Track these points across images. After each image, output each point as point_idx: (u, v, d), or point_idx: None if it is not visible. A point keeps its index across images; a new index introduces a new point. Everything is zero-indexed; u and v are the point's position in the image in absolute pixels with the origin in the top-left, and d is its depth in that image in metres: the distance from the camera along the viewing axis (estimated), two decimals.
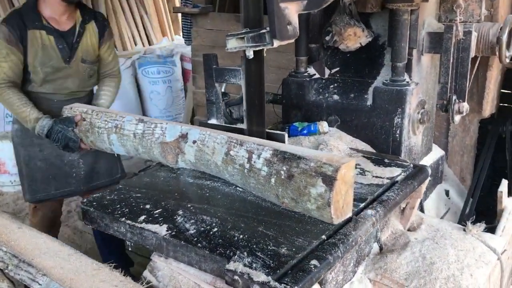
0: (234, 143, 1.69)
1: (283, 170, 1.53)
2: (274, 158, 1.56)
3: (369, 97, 2.14)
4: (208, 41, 4.42)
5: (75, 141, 2.22)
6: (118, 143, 2.04)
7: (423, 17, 2.09)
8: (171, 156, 1.87)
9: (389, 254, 1.85)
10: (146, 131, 1.93)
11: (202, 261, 1.40)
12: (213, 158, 1.75)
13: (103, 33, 2.60)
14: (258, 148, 1.62)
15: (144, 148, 1.95)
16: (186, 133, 1.83)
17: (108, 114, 2.11)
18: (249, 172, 1.63)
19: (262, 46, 1.60)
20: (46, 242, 1.58)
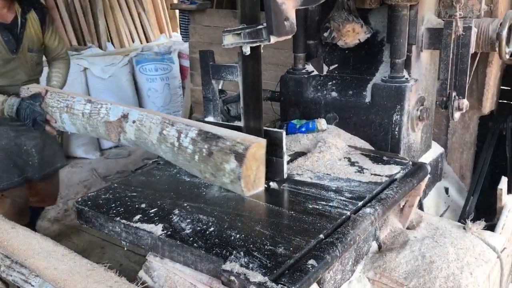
0: (167, 123, 1.84)
1: (205, 148, 1.70)
2: (198, 137, 1.74)
3: (368, 94, 2.11)
4: (205, 38, 4.39)
5: (42, 114, 2.29)
6: (69, 122, 2.21)
7: (422, 13, 2.07)
8: (114, 134, 2.02)
9: (388, 253, 1.83)
10: (93, 111, 2.08)
11: (198, 261, 1.38)
12: (150, 136, 1.89)
13: (44, 19, 2.69)
14: (186, 128, 1.78)
15: (92, 127, 2.11)
16: (127, 113, 1.98)
17: (60, 95, 2.27)
18: (178, 150, 1.79)
19: (259, 42, 1.57)
20: (39, 242, 1.56)
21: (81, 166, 4.81)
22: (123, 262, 3.11)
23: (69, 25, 5.82)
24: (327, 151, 1.98)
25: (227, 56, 3.98)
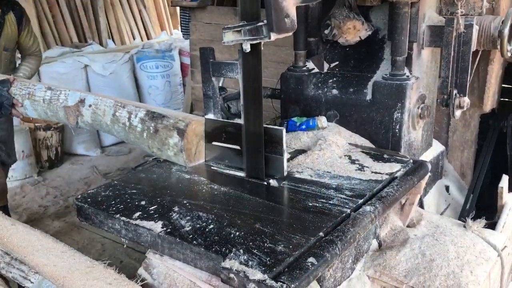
0: (119, 106, 2.03)
1: (152, 126, 1.91)
2: (146, 117, 1.94)
3: (369, 92, 2.11)
4: (206, 35, 4.39)
5: (8, 98, 2.37)
6: (31, 107, 2.34)
7: (423, 10, 2.06)
8: (72, 118, 2.16)
9: (388, 251, 1.83)
10: (53, 97, 2.22)
11: (198, 259, 1.38)
12: (104, 118, 2.06)
13: (21, 21, 2.80)
14: (136, 110, 1.98)
15: (52, 112, 2.25)
16: (84, 98, 2.14)
17: (22, 83, 2.41)
18: (129, 129, 1.98)
19: (259, 39, 1.57)
20: (39, 239, 1.56)
21: (82, 163, 4.82)
22: (123, 259, 3.11)
23: (70, 22, 5.81)
24: (328, 148, 1.97)
25: (228, 53, 3.97)
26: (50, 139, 4.61)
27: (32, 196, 4.12)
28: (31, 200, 4.05)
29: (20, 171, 4.31)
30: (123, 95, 5.08)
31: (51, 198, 4.09)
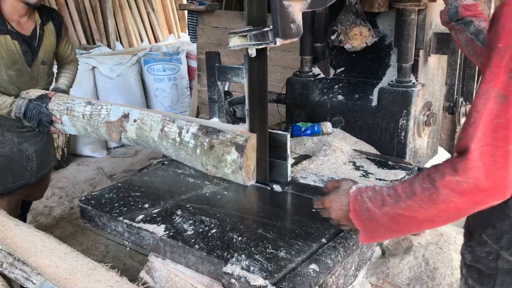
0: (168, 120, 1.92)
1: (206, 141, 1.79)
2: (199, 132, 1.83)
3: (374, 98, 2.10)
4: (213, 39, 4.40)
5: (48, 115, 2.30)
6: (69, 123, 2.25)
7: (430, 17, 2.05)
8: (115, 134, 2.06)
9: (391, 258, 1.82)
10: (93, 112, 2.13)
11: (199, 263, 1.38)
12: (151, 134, 1.95)
13: (60, 30, 2.65)
14: (187, 124, 1.87)
15: (92, 128, 2.15)
16: (127, 113, 2.03)
17: (60, 98, 2.31)
18: (179, 145, 1.87)
19: (264, 44, 1.57)
20: (42, 240, 1.56)
21: (88, 165, 4.83)
22: (126, 261, 3.11)
23: (79, 24, 5.85)
24: (332, 154, 1.97)
25: (235, 57, 3.98)
26: (56, 140, 4.63)
27: None
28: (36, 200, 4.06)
29: None
30: (130, 97, 5.10)
31: (56, 199, 4.11)
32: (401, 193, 1.09)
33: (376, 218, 1.14)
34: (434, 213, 1.04)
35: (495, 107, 0.94)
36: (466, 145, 0.97)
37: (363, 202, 1.18)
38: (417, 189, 1.05)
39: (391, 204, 1.10)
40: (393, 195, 1.11)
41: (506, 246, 1.10)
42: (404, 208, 1.08)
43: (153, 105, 5.54)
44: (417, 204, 1.05)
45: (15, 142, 2.59)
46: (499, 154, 0.94)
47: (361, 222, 1.19)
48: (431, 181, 1.03)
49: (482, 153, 0.95)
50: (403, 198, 1.08)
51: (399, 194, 1.10)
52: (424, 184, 1.04)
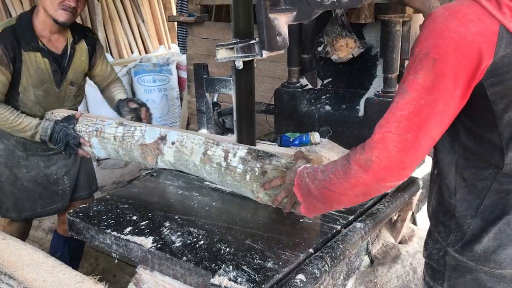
0: (211, 143, 1.78)
1: (257, 167, 1.64)
2: (249, 156, 1.67)
3: (361, 108, 2.13)
4: (203, 50, 4.42)
5: (75, 137, 2.19)
6: (99, 146, 2.12)
7: (415, 29, 2.09)
8: (151, 157, 1.93)
9: (379, 267, 1.84)
10: (126, 134, 2.00)
11: (187, 275, 1.38)
12: (192, 158, 1.82)
13: (94, 50, 2.51)
14: (234, 148, 1.72)
15: (124, 150, 2.02)
16: (165, 135, 1.90)
17: (88, 119, 2.18)
18: (225, 170, 1.72)
19: (251, 56, 1.59)
20: (30, 253, 1.56)
21: None
22: (116, 273, 3.09)
23: None
24: None
25: (224, 69, 4.00)
26: None
27: None
28: None
29: None
30: None
31: None
32: (328, 169, 1.24)
33: (311, 192, 1.28)
34: (348, 187, 1.17)
35: (399, 101, 1.08)
36: (374, 130, 1.12)
37: (303, 177, 1.32)
38: (338, 165, 1.20)
39: (320, 178, 1.25)
40: (323, 170, 1.25)
41: (453, 243, 1.20)
42: (328, 182, 1.22)
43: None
44: (336, 178, 1.19)
45: (41, 166, 2.48)
46: (398, 140, 1.07)
47: (301, 195, 1.32)
48: (347, 158, 1.17)
49: (384, 137, 1.08)
50: (328, 173, 1.22)
51: (327, 169, 1.24)
52: (343, 161, 1.19)
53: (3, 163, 2.47)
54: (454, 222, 1.20)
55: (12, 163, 2.46)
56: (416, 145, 1.06)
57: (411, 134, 1.06)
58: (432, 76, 1.03)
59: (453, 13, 1.03)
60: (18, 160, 2.45)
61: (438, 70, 1.02)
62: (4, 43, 2.17)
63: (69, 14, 2.20)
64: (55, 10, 2.18)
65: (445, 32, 1.02)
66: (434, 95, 1.04)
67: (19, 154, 2.42)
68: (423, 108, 1.05)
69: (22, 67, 2.24)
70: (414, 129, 1.06)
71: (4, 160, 2.46)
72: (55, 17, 2.20)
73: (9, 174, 2.47)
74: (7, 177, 2.47)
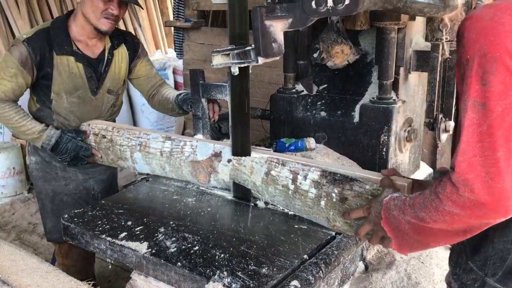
0: (275, 162, 1.64)
1: (334, 192, 1.47)
2: (323, 179, 1.51)
3: (356, 114, 2.13)
4: (199, 55, 4.43)
5: (87, 149, 2.12)
6: (143, 161, 1.98)
7: (410, 36, 2.10)
8: (203, 175, 1.82)
9: (374, 273, 1.84)
10: (174, 149, 1.88)
11: (182, 280, 1.38)
12: (252, 178, 1.68)
13: (135, 54, 2.39)
14: (304, 169, 1.56)
15: (172, 167, 1.89)
16: (219, 151, 1.78)
17: (131, 131, 2.04)
18: (294, 194, 1.57)
19: (247, 63, 1.60)
20: (24, 258, 1.56)
21: None
22: (111, 278, 3.08)
23: None
24: None
25: (220, 74, 4.01)
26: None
27: (21, 213, 4.09)
28: (20, 217, 4.02)
29: (11, 188, 4.29)
30: None
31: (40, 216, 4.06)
32: (416, 204, 1.08)
33: (402, 227, 1.13)
34: (444, 226, 1.02)
35: (474, 116, 0.94)
36: (454, 160, 0.97)
37: (390, 210, 1.18)
38: (427, 201, 1.05)
39: (410, 213, 1.10)
40: (411, 205, 1.10)
41: (491, 272, 1.09)
42: (419, 219, 1.07)
43: (139, 120, 5.54)
44: (428, 215, 1.04)
45: (79, 179, 2.37)
46: (488, 163, 0.92)
47: (391, 230, 1.18)
48: (436, 193, 1.02)
49: (471, 165, 0.94)
50: (418, 209, 1.07)
51: (415, 204, 1.09)
52: (431, 195, 1.04)
53: (41, 177, 2.36)
54: (491, 248, 1.08)
55: (50, 175, 2.35)
56: (510, 162, 0.91)
57: (501, 151, 0.91)
58: (500, 77, 0.92)
59: (501, 9, 0.96)
60: (55, 172, 2.34)
61: (504, 68, 0.92)
62: (33, 46, 2.11)
63: (112, 23, 2.14)
64: (98, 19, 2.11)
65: (498, 27, 0.94)
66: (510, 96, 0.92)
67: (56, 165, 2.32)
68: (504, 115, 0.92)
69: (53, 71, 2.16)
70: (501, 144, 0.92)
71: (42, 173, 2.36)
72: (97, 26, 2.13)
73: (48, 189, 2.36)
74: (46, 193, 2.37)
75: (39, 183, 2.38)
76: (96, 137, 2.17)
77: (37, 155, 2.34)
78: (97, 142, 2.16)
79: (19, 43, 2.12)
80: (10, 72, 2.11)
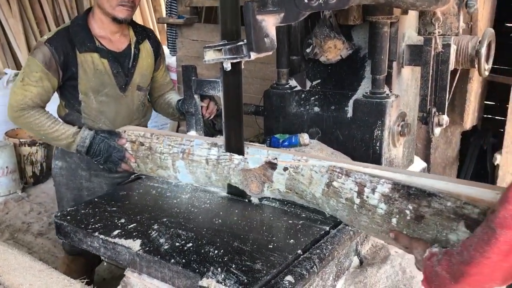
0: (338, 172, 1.49)
1: (409, 209, 1.29)
2: (395, 193, 1.33)
3: (350, 109, 2.13)
4: (193, 52, 4.42)
5: (120, 151, 2.00)
6: (186, 170, 1.85)
7: (403, 30, 2.10)
8: (255, 185, 1.71)
9: (369, 268, 1.84)
10: (222, 157, 1.76)
11: (176, 277, 1.38)
12: (310, 189, 1.56)
13: (158, 52, 2.35)
14: (372, 181, 1.40)
15: (219, 176, 1.78)
16: (274, 158, 1.66)
17: (171, 138, 1.91)
18: (360, 209, 1.42)
19: (239, 58, 1.59)
20: (16, 257, 1.54)
21: None
22: (106, 276, 3.08)
23: None
24: None
25: (214, 70, 4.00)
26: (35, 155, 4.58)
27: (15, 212, 4.07)
28: (14, 216, 4.00)
29: (4, 187, 4.27)
30: None
31: (35, 215, 4.05)
32: (467, 245, 0.98)
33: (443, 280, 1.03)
34: (498, 260, 0.91)
35: None
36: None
37: (433, 267, 1.07)
38: (478, 235, 0.96)
39: (458, 261, 0.99)
40: (460, 250, 1.00)
41: None
42: (469, 262, 0.96)
43: None
44: (479, 253, 0.93)
45: (104, 190, 2.27)
46: None
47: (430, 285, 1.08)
48: (488, 224, 0.93)
49: None
50: (469, 250, 0.97)
51: (466, 246, 0.98)
52: (482, 229, 0.95)
53: (65, 184, 2.31)
54: None
55: (74, 184, 2.29)
56: None
57: None
58: None
59: None
60: (80, 181, 2.29)
61: None
62: (55, 46, 2.05)
63: (129, 10, 2.09)
64: (113, 8, 2.06)
65: None
66: None
67: (81, 174, 2.27)
68: None
69: (78, 70, 2.10)
70: None
71: (66, 180, 2.30)
72: (114, 15, 2.08)
73: (69, 198, 2.31)
74: (68, 201, 2.31)
75: (62, 189, 2.33)
76: (133, 144, 2.02)
77: (63, 160, 2.29)
78: (134, 150, 2.02)
79: (41, 45, 2.07)
80: (35, 77, 2.05)
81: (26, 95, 2.05)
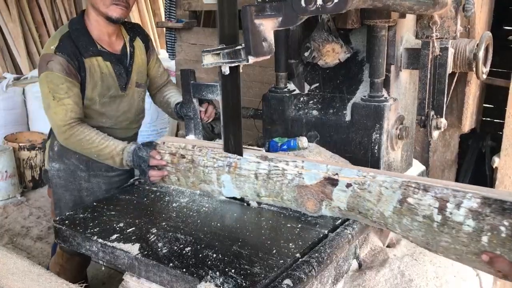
0: (414, 187, 1.35)
1: (504, 225, 1.17)
2: (486, 209, 1.20)
3: (348, 113, 2.13)
4: (192, 56, 4.43)
5: (145, 160, 1.92)
6: (232, 185, 1.74)
7: (401, 33, 2.10)
8: (312, 202, 1.58)
9: (368, 271, 1.84)
10: (273, 171, 1.65)
11: (174, 281, 1.38)
12: (378, 206, 1.43)
13: (148, 45, 2.34)
14: (456, 195, 1.27)
15: (269, 191, 1.66)
16: (335, 174, 1.53)
17: (216, 150, 1.79)
18: (440, 227, 1.28)
19: (237, 62, 1.59)
20: (15, 262, 1.54)
21: None
22: (105, 281, 3.08)
23: None
24: None
25: (213, 74, 4.01)
26: (34, 159, 4.58)
27: (14, 216, 4.07)
28: (13, 221, 4.00)
29: (3, 191, 4.27)
30: None
31: (34, 219, 4.05)
32: None
33: None
34: None
35: None
36: None
37: None
38: None
39: None
40: None
41: None
42: None
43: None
44: None
45: (102, 189, 2.27)
46: None
47: None
48: None
49: None
50: None
51: None
52: None
53: (63, 186, 2.29)
54: None
55: (73, 185, 2.27)
56: None
57: None
58: None
59: None
60: (79, 182, 2.27)
61: None
62: (67, 53, 2.01)
63: (123, 9, 2.07)
64: (107, 7, 2.04)
65: None
66: None
67: (80, 175, 2.25)
68: None
69: (86, 76, 2.07)
70: None
71: (63, 182, 2.28)
72: (108, 14, 2.05)
73: (68, 199, 2.29)
74: (66, 202, 2.30)
75: (60, 191, 2.31)
76: (174, 157, 1.89)
77: (61, 162, 2.26)
78: (174, 163, 1.87)
79: (53, 56, 2.01)
80: (63, 89, 2.01)
81: (67, 109, 2.02)
